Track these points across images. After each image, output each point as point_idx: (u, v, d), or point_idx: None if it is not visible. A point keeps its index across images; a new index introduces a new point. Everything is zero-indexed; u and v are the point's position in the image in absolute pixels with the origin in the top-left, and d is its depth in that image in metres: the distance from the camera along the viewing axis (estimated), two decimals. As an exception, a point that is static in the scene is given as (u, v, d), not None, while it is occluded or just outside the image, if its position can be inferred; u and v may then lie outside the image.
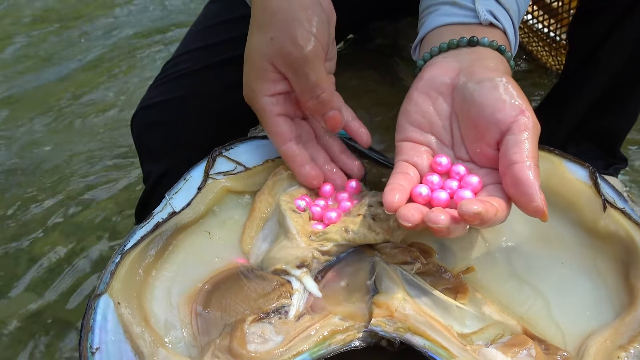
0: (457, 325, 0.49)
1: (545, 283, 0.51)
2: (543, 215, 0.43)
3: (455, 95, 0.50)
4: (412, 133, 0.52)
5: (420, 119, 0.52)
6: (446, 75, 0.51)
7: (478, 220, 0.42)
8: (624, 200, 0.52)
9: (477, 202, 0.42)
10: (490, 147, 0.48)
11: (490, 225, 0.44)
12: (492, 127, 0.47)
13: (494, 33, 0.53)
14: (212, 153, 0.59)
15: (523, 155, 0.44)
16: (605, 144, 0.79)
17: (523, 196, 0.43)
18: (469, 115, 0.49)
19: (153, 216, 0.54)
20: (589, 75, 0.75)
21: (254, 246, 0.56)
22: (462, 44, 0.52)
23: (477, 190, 0.48)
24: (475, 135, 0.49)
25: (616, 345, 0.44)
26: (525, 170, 0.43)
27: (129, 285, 0.49)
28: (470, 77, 0.49)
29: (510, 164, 0.44)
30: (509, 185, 0.45)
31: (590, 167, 0.55)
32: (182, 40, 0.80)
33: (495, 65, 0.50)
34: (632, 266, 0.48)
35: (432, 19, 0.56)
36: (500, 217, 0.44)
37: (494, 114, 0.46)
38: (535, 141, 0.45)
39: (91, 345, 0.44)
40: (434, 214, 0.43)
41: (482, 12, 0.53)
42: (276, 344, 0.47)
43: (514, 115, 0.46)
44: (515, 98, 0.47)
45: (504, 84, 0.47)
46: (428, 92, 0.52)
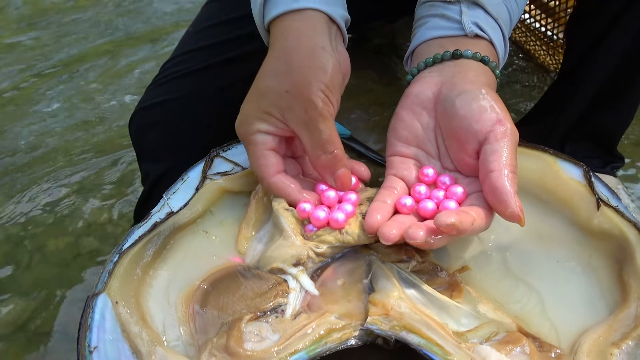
0: (453, 323, 0.49)
1: (539, 281, 0.52)
2: (519, 220, 0.45)
3: (438, 108, 0.52)
4: (400, 148, 0.54)
5: (407, 134, 0.54)
6: (429, 90, 0.53)
7: (455, 231, 0.44)
8: (618, 198, 0.53)
9: (452, 214, 0.44)
10: (470, 157, 0.50)
11: (471, 234, 0.47)
12: (470, 138, 0.49)
13: (479, 45, 0.55)
14: (209, 154, 0.59)
15: (500, 164, 0.46)
16: (602, 143, 0.79)
17: (500, 203, 0.45)
18: (450, 127, 0.51)
19: (151, 216, 0.54)
20: (586, 74, 0.76)
21: (250, 246, 0.56)
22: (446, 58, 0.54)
23: (462, 199, 0.51)
24: (457, 146, 0.51)
25: (609, 342, 0.44)
26: (501, 178, 0.45)
27: (126, 285, 0.49)
28: (450, 90, 0.51)
29: (487, 172, 0.46)
30: (487, 193, 0.47)
31: (585, 166, 0.55)
32: (180, 41, 0.80)
33: (476, 77, 0.52)
34: (625, 263, 0.49)
35: (422, 32, 0.57)
36: (478, 226, 0.46)
37: (471, 125, 0.48)
38: (512, 149, 0.47)
39: (89, 344, 0.44)
40: (411, 230, 0.46)
41: (467, 24, 0.54)
42: (273, 342, 0.48)
43: (490, 125, 0.48)
44: (493, 108, 0.48)
45: (482, 95, 0.49)
46: (413, 107, 0.54)
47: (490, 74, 0.54)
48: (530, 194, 0.57)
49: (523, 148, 0.58)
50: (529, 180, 0.57)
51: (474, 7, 0.55)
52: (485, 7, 0.55)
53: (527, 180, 0.57)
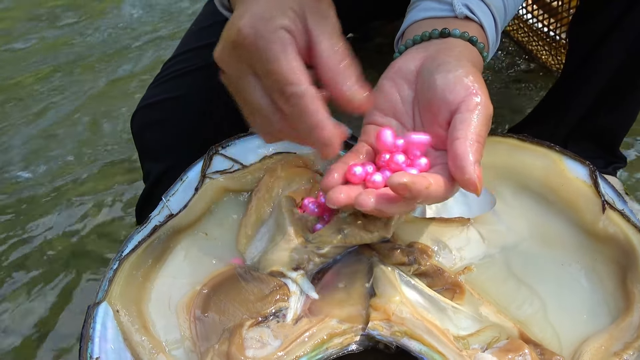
0: (454, 327, 0.49)
1: (543, 284, 0.51)
2: (475, 188, 0.43)
3: (418, 80, 0.51)
4: (376, 117, 0.53)
5: (385, 104, 0.52)
6: (412, 64, 0.52)
7: (407, 192, 0.42)
8: (624, 201, 0.52)
9: (405, 175, 0.42)
10: (441, 128, 0.48)
11: (427, 200, 0.44)
12: (443, 108, 0.47)
13: (468, 26, 0.54)
14: (208, 152, 0.59)
15: (466, 132, 0.44)
16: (605, 143, 0.79)
17: (458, 169, 0.43)
18: (426, 97, 0.49)
19: (150, 220, 0.54)
20: (588, 74, 0.75)
21: (249, 245, 0.56)
22: (434, 36, 0.53)
23: (424, 170, 0.48)
24: (430, 116, 0.49)
25: (611, 351, 0.44)
26: (463, 145, 0.44)
27: (127, 292, 0.49)
28: (431, 62, 0.50)
29: (452, 140, 0.45)
30: (449, 161, 0.45)
31: (591, 165, 0.54)
32: (182, 39, 0.80)
33: (460, 53, 0.50)
34: (629, 270, 0.48)
35: (412, 14, 0.57)
36: (434, 191, 0.43)
37: (445, 95, 0.47)
38: (483, 121, 0.45)
39: (91, 355, 0.44)
40: (361, 197, 0.43)
41: (458, 6, 0.54)
42: (274, 348, 0.48)
43: (463, 95, 0.46)
44: (468, 80, 0.47)
45: (462, 68, 0.48)
46: (395, 79, 0.52)
47: (476, 54, 0.53)
48: (534, 192, 0.56)
49: (528, 144, 0.57)
50: (533, 177, 0.56)
51: None
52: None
53: (532, 177, 0.56)
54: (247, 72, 0.45)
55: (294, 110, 0.43)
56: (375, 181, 0.47)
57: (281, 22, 0.44)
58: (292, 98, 0.43)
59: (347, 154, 0.51)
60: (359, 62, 0.47)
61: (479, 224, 0.56)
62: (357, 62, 0.46)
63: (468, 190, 0.43)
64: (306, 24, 0.45)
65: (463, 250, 0.55)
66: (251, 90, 0.46)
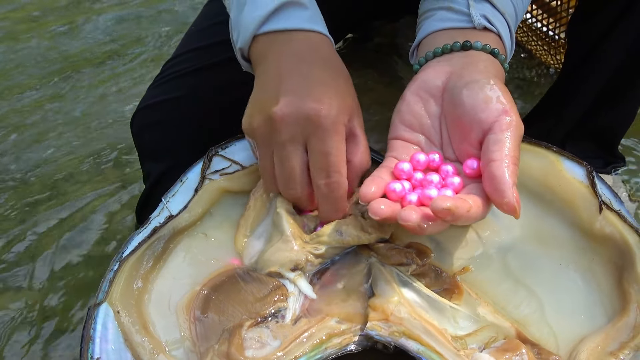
0: (451, 327, 0.50)
1: (540, 284, 0.52)
2: (514, 211, 0.44)
3: (445, 96, 0.51)
4: (403, 132, 0.54)
5: (412, 119, 0.53)
6: (438, 78, 0.52)
7: (450, 217, 0.43)
8: (620, 201, 0.52)
9: (448, 199, 0.43)
10: (473, 147, 0.49)
11: (466, 222, 0.45)
12: (475, 127, 0.48)
13: (487, 37, 0.54)
14: (207, 153, 0.59)
15: (502, 154, 0.45)
16: (603, 143, 0.79)
17: (496, 192, 0.44)
18: (455, 115, 0.50)
19: (150, 221, 0.54)
20: (587, 74, 0.75)
21: (247, 245, 0.56)
22: (456, 49, 0.53)
23: (458, 190, 0.50)
24: (460, 135, 0.50)
25: (607, 351, 0.44)
26: (501, 168, 0.44)
27: (128, 293, 0.50)
28: (459, 79, 0.50)
29: (488, 162, 0.46)
30: (486, 182, 0.46)
31: (588, 165, 0.54)
32: (182, 40, 0.80)
33: (486, 68, 0.51)
34: (625, 270, 0.48)
35: (428, 24, 0.56)
36: (474, 214, 0.45)
37: (477, 114, 0.47)
38: (516, 141, 0.46)
39: (92, 355, 0.45)
40: (405, 212, 0.45)
41: (476, 17, 0.54)
42: (273, 348, 0.48)
43: (496, 115, 0.47)
44: (499, 99, 0.47)
45: (490, 85, 0.48)
46: (420, 93, 0.53)
47: (499, 67, 0.53)
48: (531, 192, 0.56)
49: (526, 144, 0.57)
50: (531, 177, 0.56)
51: (481, 0, 0.54)
52: (491, 1, 0.54)
53: (529, 177, 0.56)
54: (300, 141, 0.51)
55: (329, 193, 0.51)
56: (411, 201, 0.49)
57: (345, 118, 0.51)
58: (333, 184, 0.50)
59: (379, 169, 0.52)
60: (358, 63, 0.49)
61: (477, 225, 0.56)
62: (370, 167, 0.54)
63: (506, 213, 0.44)
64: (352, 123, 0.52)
65: (461, 250, 0.55)
66: (295, 155, 0.51)
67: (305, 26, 0.54)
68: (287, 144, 0.51)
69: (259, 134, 0.52)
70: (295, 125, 0.50)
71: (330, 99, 0.50)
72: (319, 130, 0.49)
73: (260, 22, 0.54)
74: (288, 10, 0.54)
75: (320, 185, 0.51)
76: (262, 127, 0.52)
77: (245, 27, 0.55)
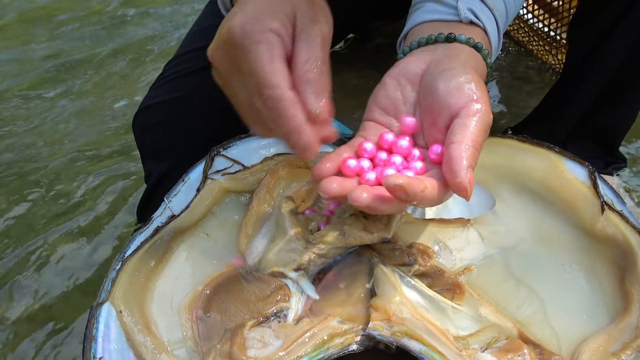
0: (453, 327, 0.49)
1: (542, 285, 0.52)
2: (465, 192, 0.43)
3: (422, 83, 0.51)
4: (377, 115, 0.53)
5: (387, 103, 0.53)
6: (418, 66, 0.52)
7: (403, 194, 0.42)
8: (622, 202, 0.52)
9: (402, 177, 0.42)
10: (440, 133, 0.48)
11: (422, 203, 0.44)
12: (444, 112, 0.47)
13: (473, 31, 0.54)
14: (210, 153, 0.59)
15: (463, 137, 0.44)
16: (604, 143, 0.79)
17: (450, 172, 0.44)
18: (427, 101, 0.50)
19: (152, 221, 0.54)
20: (588, 74, 0.75)
21: (250, 245, 0.56)
22: (440, 40, 0.53)
23: (420, 174, 0.49)
24: (430, 120, 0.50)
25: (609, 352, 0.44)
26: (459, 149, 0.44)
27: (130, 292, 0.50)
28: (436, 67, 0.50)
29: (449, 144, 0.45)
30: (443, 164, 0.45)
31: (590, 166, 0.54)
32: (183, 40, 0.80)
33: (466, 60, 0.51)
34: (627, 271, 0.48)
35: (417, 15, 0.57)
36: (429, 194, 0.43)
37: (446, 99, 0.47)
38: (481, 127, 0.45)
39: (94, 354, 0.45)
40: (355, 192, 0.43)
41: (463, 10, 0.54)
42: (275, 348, 0.48)
43: (465, 101, 0.46)
44: (471, 88, 0.47)
45: (465, 75, 0.48)
46: (399, 78, 0.53)
47: (480, 61, 0.53)
48: (533, 193, 0.56)
49: (528, 145, 0.57)
50: (533, 178, 0.56)
51: None
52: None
53: (531, 178, 0.56)
54: (234, 70, 0.45)
55: (271, 113, 0.44)
56: (368, 179, 0.48)
57: (270, 24, 0.44)
58: (269, 101, 0.43)
59: (342, 146, 0.51)
60: (358, 63, 0.48)
61: (479, 225, 0.56)
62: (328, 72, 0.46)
63: (458, 194, 0.44)
64: (295, 28, 0.45)
65: (463, 250, 0.55)
66: (237, 88, 0.46)
67: None
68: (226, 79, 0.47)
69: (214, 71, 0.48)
70: (224, 56, 0.46)
71: (245, 11, 0.44)
72: (237, 50, 0.44)
73: None
74: None
75: (261, 110, 0.45)
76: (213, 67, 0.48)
77: None
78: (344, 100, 0.63)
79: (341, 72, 0.57)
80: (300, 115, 0.44)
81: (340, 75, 0.51)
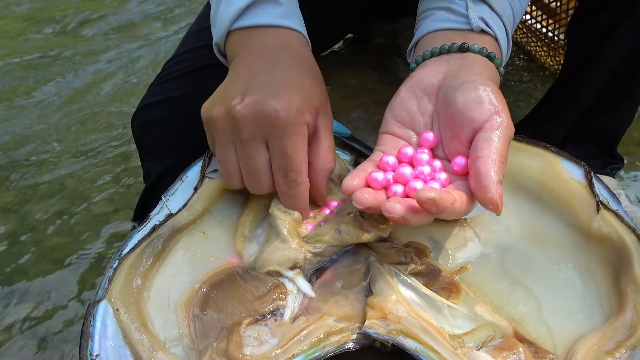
0: (449, 326, 0.50)
1: (537, 283, 0.52)
2: (496, 207, 0.44)
3: (440, 95, 0.52)
4: (394, 127, 0.54)
5: (404, 115, 0.54)
6: (434, 77, 0.53)
7: (434, 208, 0.43)
8: (618, 201, 0.52)
9: (433, 190, 0.43)
10: (462, 145, 0.49)
11: (450, 216, 0.46)
12: (466, 125, 0.48)
13: (484, 40, 0.55)
14: (207, 152, 0.59)
15: (490, 151, 0.46)
16: (602, 144, 0.80)
17: (480, 188, 0.45)
18: (448, 114, 0.50)
19: (150, 219, 0.54)
20: (586, 75, 0.75)
21: (247, 244, 0.56)
22: (453, 50, 0.53)
23: (445, 185, 0.50)
24: (451, 133, 0.50)
25: (604, 350, 0.45)
26: (487, 164, 0.45)
27: (127, 291, 0.50)
28: (454, 79, 0.51)
29: (476, 158, 0.46)
30: (471, 178, 0.46)
31: (586, 166, 0.54)
32: (183, 39, 0.80)
33: (481, 71, 0.51)
34: (622, 271, 0.49)
35: (427, 23, 0.57)
36: (458, 208, 0.45)
37: (469, 113, 0.48)
38: (505, 141, 0.47)
39: (91, 352, 0.45)
40: (389, 204, 0.45)
41: (474, 19, 0.54)
42: (272, 346, 0.48)
43: (488, 115, 0.47)
44: (492, 100, 0.48)
45: (484, 87, 0.49)
46: (415, 90, 0.53)
47: (494, 70, 0.54)
48: (530, 193, 0.57)
49: (525, 144, 0.57)
50: (529, 177, 0.57)
51: (480, 2, 0.55)
52: (490, 4, 0.55)
53: (528, 177, 0.57)
54: (261, 141, 0.51)
55: (288, 191, 0.52)
56: (396, 192, 0.49)
57: (307, 118, 0.51)
58: (291, 182, 0.52)
59: (364, 162, 0.53)
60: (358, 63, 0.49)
61: (476, 224, 0.56)
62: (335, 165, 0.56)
63: (488, 209, 0.45)
64: (317, 122, 0.52)
65: (459, 249, 0.55)
66: (257, 155, 0.52)
67: (277, 22, 0.55)
68: (249, 143, 0.51)
69: (218, 127, 0.53)
70: (256, 125, 0.50)
71: (291, 99, 0.50)
72: (277, 130, 0.50)
73: (233, 17, 0.54)
74: (261, 6, 0.54)
75: (279, 183, 0.52)
76: (222, 120, 0.52)
77: (220, 23, 0.55)
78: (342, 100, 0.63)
79: (340, 72, 0.57)
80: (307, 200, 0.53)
81: (339, 75, 0.51)
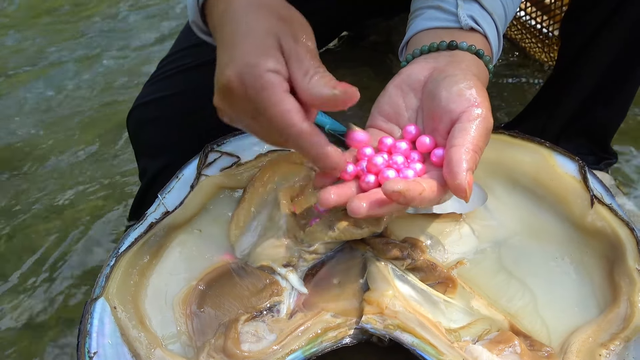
0: (446, 320, 0.50)
1: (533, 278, 0.52)
2: (464, 194, 0.44)
3: (424, 89, 0.52)
4: (379, 122, 0.54)
5: (389, 110, 0.54)
6: (421, 73, 0.53)
7: (401, 198, 0.43)
8: (612, 195, 0.53)
9: (400, 182, 0.43)
10: (442, 137, 0.50)
11: (421, 204, 0.45)
12: (445, 117, 0.48)
13: (474, 37, 0.55)
14: (204, 149, 0.59)
15: (464, 140, 0.46)
16: (596, 139, 0.80)
17: (450, 174, 0.45)
18: (430, 106, 0.51)
19: (146, 217, 0.55)
20: (580, 71, 0.76)
21: (241, 237, 0.56)
22: (442, 48, 0.54)
23: (420, 175, 0.50)
24: (432, 125, 0.51)
25: (598, 342, 0.45)
26: (459, 152, 0.45)
27: (124, 288, 0.50)
28: (439, 74, 0.51)
29: (449, 147, 0.46)
30: (444, 166, 0.46)
31: (580, 160, 0.55)
32: (178, 38, 0.80)
33: (467, 67, 0.52)
34: (616, 264, 0.49)
35: (417, 22, 0.57)
36: (427, 196, 0.45)
37: (448, 104, 0.48)
38: (481, 131, 0.47)
39: (89, 349, 0.45)
40: (354, 204, 0.45)
41: (463, 18, 0.55)
42: (270, 342, 0.49)
43: (466, 106, 0.47)
44: (472, 93, 0.48)
45: (466, 81, 0.49)
46: (402, 86, 0.54)
47: (482, 67, 0.54)
48: (524, 188, 0.57)
49: (519, 140, 0.58)
50: (524, 173, 0.57)
51: (470, 1, 0.56)
52: (480, 2, 0.56)
53: (522, 173, 0.57)
54: (246, 118, 0.47)
55: (296, 148, 0.46)
56: (369, 182, 0.49)
57: (266, 65, 0.44)
58: (291, 139, 0.45)
59: (345, 153, 0.51)
60: (353, 60, 0.49)
61: (471, 219, 0.57)
62: None
63: (458, 196, 0.45)
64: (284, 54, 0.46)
65: (455, 245, 0.56)
66: (255, 132, 0.48)
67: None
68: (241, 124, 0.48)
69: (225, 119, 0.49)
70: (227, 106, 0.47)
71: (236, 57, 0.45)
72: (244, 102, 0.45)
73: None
74: None
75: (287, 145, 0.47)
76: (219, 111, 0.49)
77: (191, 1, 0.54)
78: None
79: (335, 70, 0.57)
80: (322, 140, 0.45)
81: (335, 73, 0.51)
